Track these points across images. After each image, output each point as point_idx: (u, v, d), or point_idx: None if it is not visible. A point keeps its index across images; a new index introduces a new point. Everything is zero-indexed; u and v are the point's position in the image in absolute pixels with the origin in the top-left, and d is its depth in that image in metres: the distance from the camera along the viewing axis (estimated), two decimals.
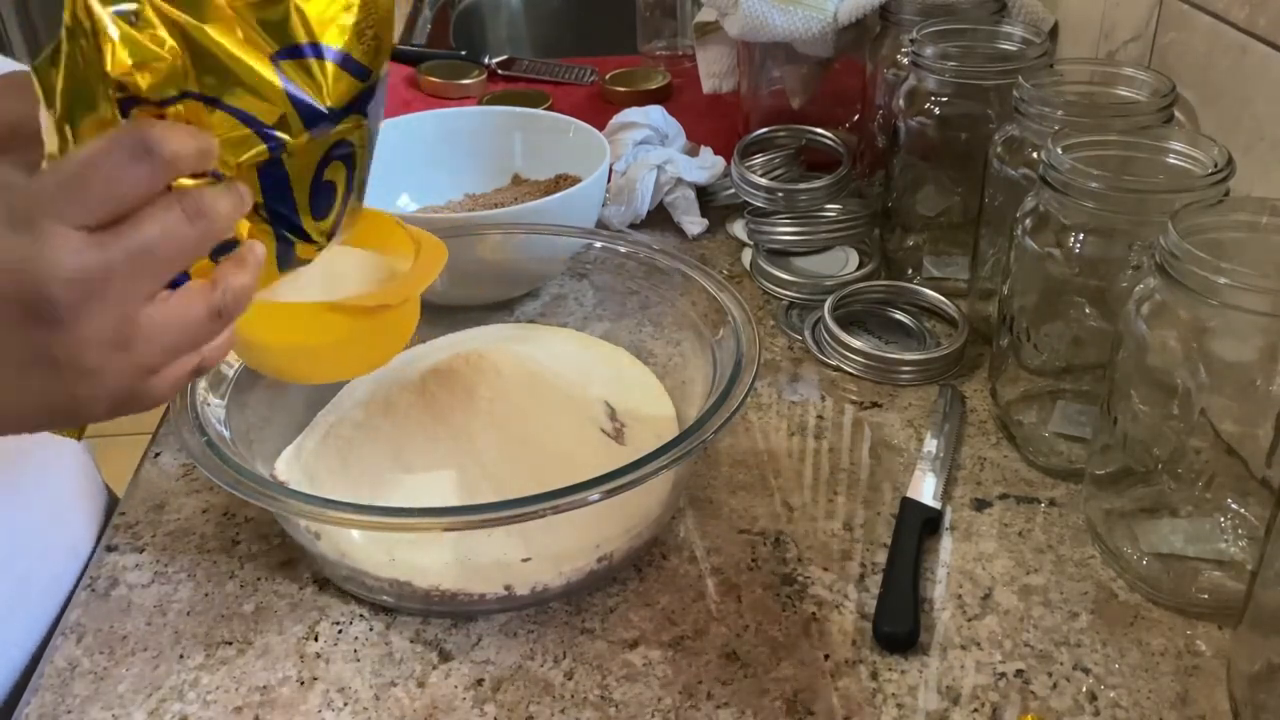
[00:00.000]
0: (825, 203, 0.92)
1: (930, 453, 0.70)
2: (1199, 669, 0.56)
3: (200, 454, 0.57)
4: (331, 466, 0.66)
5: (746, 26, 0.95)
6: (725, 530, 0.65)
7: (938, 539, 0.64)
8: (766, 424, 0.74)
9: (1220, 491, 0.61)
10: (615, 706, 0.55)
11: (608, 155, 0.88)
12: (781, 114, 1.05)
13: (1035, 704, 0.54)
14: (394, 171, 0.94)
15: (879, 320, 0.85)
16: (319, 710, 0.55)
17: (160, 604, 0.61)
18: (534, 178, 0.97)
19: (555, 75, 1.34)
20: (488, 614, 0.60)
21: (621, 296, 0.77)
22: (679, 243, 0.96)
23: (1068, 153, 0.63)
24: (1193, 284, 0.52)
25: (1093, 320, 0.66)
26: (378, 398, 0.69)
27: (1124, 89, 0.73)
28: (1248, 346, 0.53)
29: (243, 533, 0.66)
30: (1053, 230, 0.64)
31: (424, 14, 1.64)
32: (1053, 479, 0.68)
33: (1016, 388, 0.71)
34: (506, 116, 0.99)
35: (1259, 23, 0.67)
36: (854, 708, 0.54)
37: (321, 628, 0.60)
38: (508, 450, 0.65)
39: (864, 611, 0.59)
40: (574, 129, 0.94)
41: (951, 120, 0.82)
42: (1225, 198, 0.59)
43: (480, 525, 0.55)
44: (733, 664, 0.57)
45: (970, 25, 0.85)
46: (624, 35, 1.44)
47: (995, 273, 0.77)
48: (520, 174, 0.98)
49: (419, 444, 0.66)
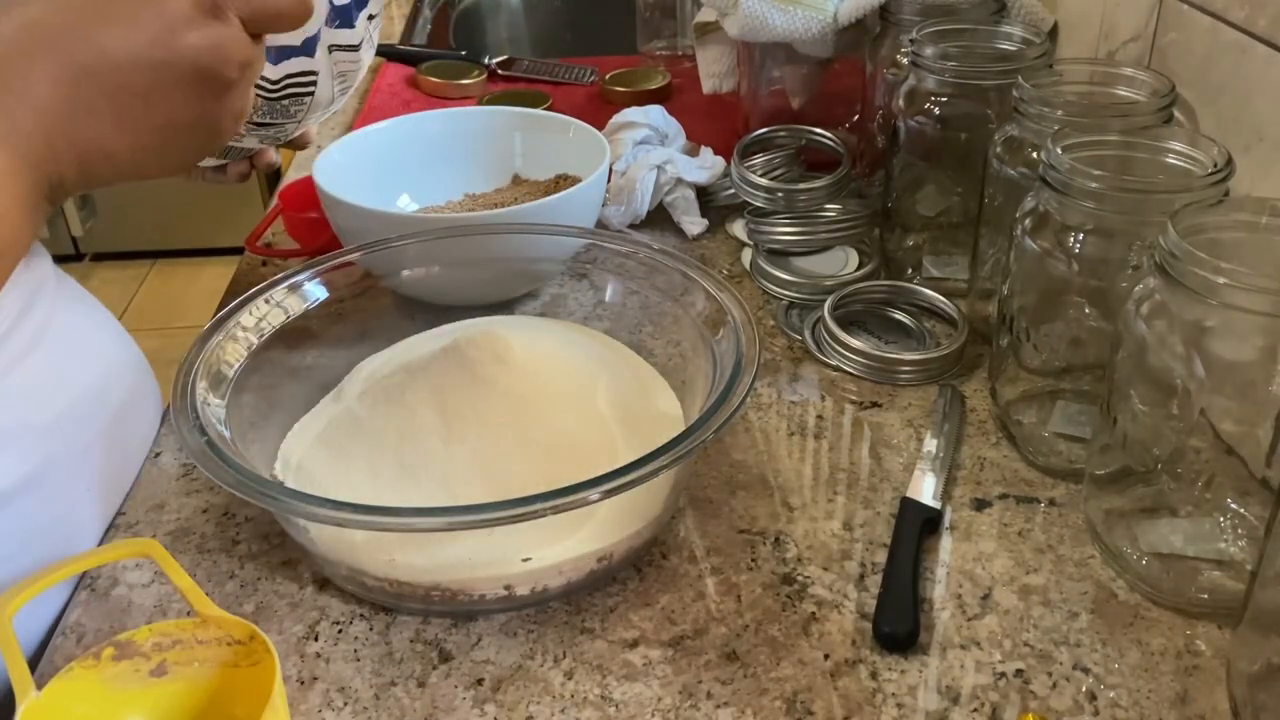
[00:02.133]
0: (825, 203, 0.92)
1: (930, 452, 0.70)
2: (1199, 669, 0.56)
3: (200, 454, 0.57)
4: (333, 459, 0.66)
5: (746, 26, 0.95)
6: (725, 530, 0.65)
7: (937, 539, 0.64)
8: (766, 424, 0.74)
9: (1220, 491, 0.61)
10: (615, 706, 0.55)
11: (608, 155, 0.88)
12: (781, 114, 1.05)
13: (1035, 704, 0.54)
14: (394, 171, 0.94)
15: (879, 320, 0.85)
16: (319, 710, 0.55)
17: (160, 604, 0.61)
18: (534, 178, 0.97)
19: (555, 75, 1.34)
20: (488, 614, 0.60)
21: (621, 296, 0.77)
22: (679, 243, 0.96)
23: (1068, 153, 0.63)
24: (1192, 284, 0.52)
25: (1092, 320, 0.66)
26: (382, 385, 0.69)
27: (1124, 89, 0.73)
28: (1247, 346, 0.53)
29: (243, 533, 0.66)
30: (1053, 230, 0.64)
31: (424, 14, 1.64)
32: (1053, 479, 0.69)
33: (1016, 388, 0.72)
34: (507, 116, 0.99)
35: (1259, 23, 0.67)
36: (854, 708, 0.54)
37: (321, 628, 0.60)
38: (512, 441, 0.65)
39: (864, 611, 0.59)
40: (574, 129, 0.94)
41: (951, 120, 0.82)
42: (1225, 198, 0.59)
43: (480, 525, 0.55)
44: (732, 664, 0.57)
45: (970, 25, 0.85)
46: (624, 35, 1.44)
47: (995, 273, 0.77)
48: (520, 174, 0.98)
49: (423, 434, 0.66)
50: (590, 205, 0.87)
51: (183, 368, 0.63)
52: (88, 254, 2.84)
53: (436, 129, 0.98)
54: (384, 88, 1.31)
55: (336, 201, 0.82)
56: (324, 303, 0.73)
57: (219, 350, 0.66)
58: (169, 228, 2.87)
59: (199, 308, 2.67)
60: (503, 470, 0.65)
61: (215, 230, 2.85)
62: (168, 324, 2.68)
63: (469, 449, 0.67)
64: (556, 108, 1.24)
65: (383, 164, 0.94)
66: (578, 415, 0.70)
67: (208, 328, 0.67)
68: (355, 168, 0.90)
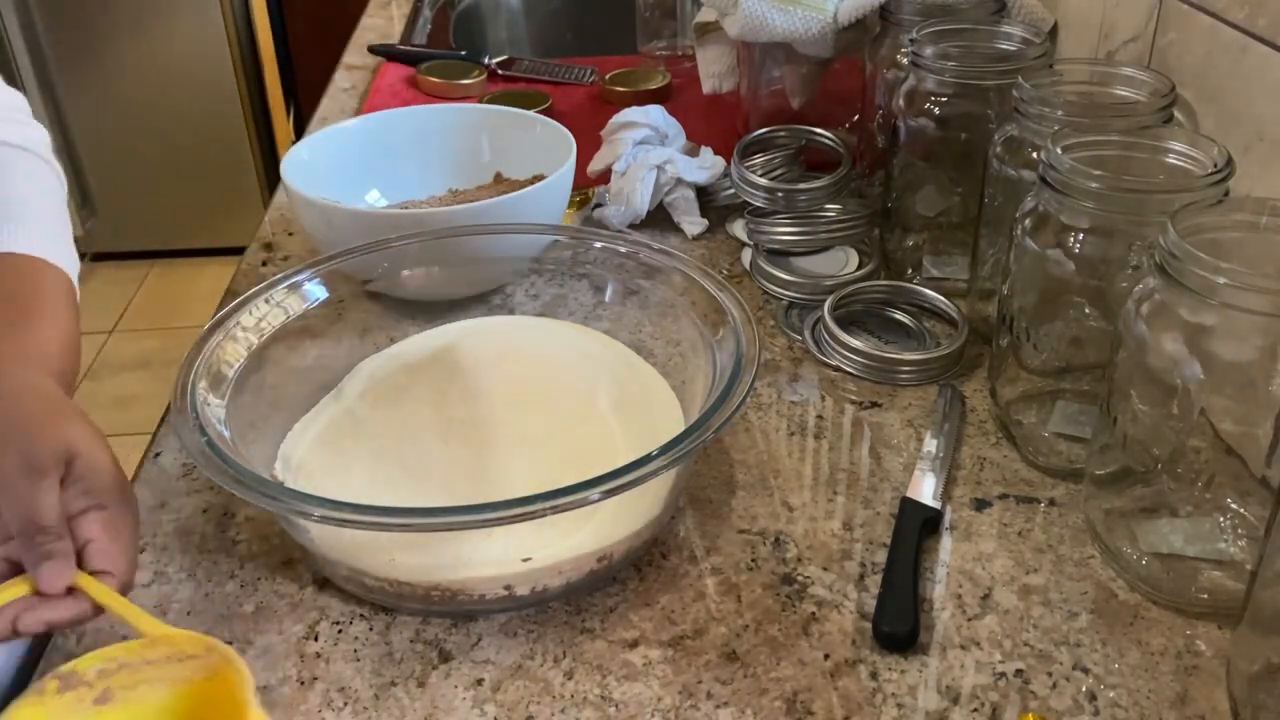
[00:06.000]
0: (825, 203, 0.92)
1: (930, 452, 0.70)
2: (1199, 669, 0.56)
3: (200, 454, 0.57)
4: (333, 459, 0.66)
5: (746, 26, 0.95)
6: (725, 530, 0.65)
7: (937, 539, 0.64)
8: (766, 424, 0.74)
9: (1220, 491, 0.61)
10: (615, 706, 0.55)
11: (571, 159, 0.88)
12: (781, 114, 1.05)
13: (1035, 704, 0.54)
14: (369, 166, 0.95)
15: (879, 320, 0.85)
16: (319, 710, 0.55)
17: (160, 604, 0.61)
18: (515, 177, 0.98)
19: (555, 75, 1.34)
20: (488, 614, 0.60)
21: (621, 296, 0.77)
22: (679, 243, 0.96)
23: (1068, 153, 0.63)
24: (1192, 284, 0.52)
25: (1093, 320, 0.66)
26: (380, 385, 0.69)
27: (1123, 89, 0.73)
28: (1247, 346, 0.53)
29: (243, 533, 0.66)
30: (1053, 230, 0.64)
31: (424, 14, 1.64)
32: (1052, 479, 0.69)
33: (1016, 388, 0.72)
34: (497, 115, 1.00)
35: (1259, 23, 0.67)
36: (854, 707, 0.54)
37: (321, 628, 0.60)
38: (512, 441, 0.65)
39: (864, 611, 0.59)
40: (545, 128, 0.95)
41: (951, 120, 0.82)
42: (1225, 198, 0.59)
43: (480, 525, 0.55)
44: (732, 664, 0.57)
45: (970, 25, 0.85)
46: (624, 35, 1.44)
47: (995, 273, 0.77)
48: (502, 173, 0.99)
49: (423, 434, 0.66)
50: (537, 207, 0.85)
51: (183, 368, 0.63)
52: (88, 254, 2.84)
53: (423, 125, 0.99)
54: (384, 88, 1.31)
55: (302, 199, 0.83)
56: (324, 303, 0.73)
57: (219, 350, 0.66)
58: (169, 228, 2.87)
59: (199, 308, 2.67)
60: (502, 470, 0.65)
61: (215, 230, 2.85)
62: (168, 324, 2.68)
63: (469, 449, 0.67)
64: (556, 108, 1.24)
65: (365, 157, 0.96)
66: (578, 415, 0.70)
67: (208, 328, 0.67)
68: (324, 164, 0.91)
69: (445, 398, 0.71)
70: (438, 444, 0.67)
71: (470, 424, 0.69)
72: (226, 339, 0.67)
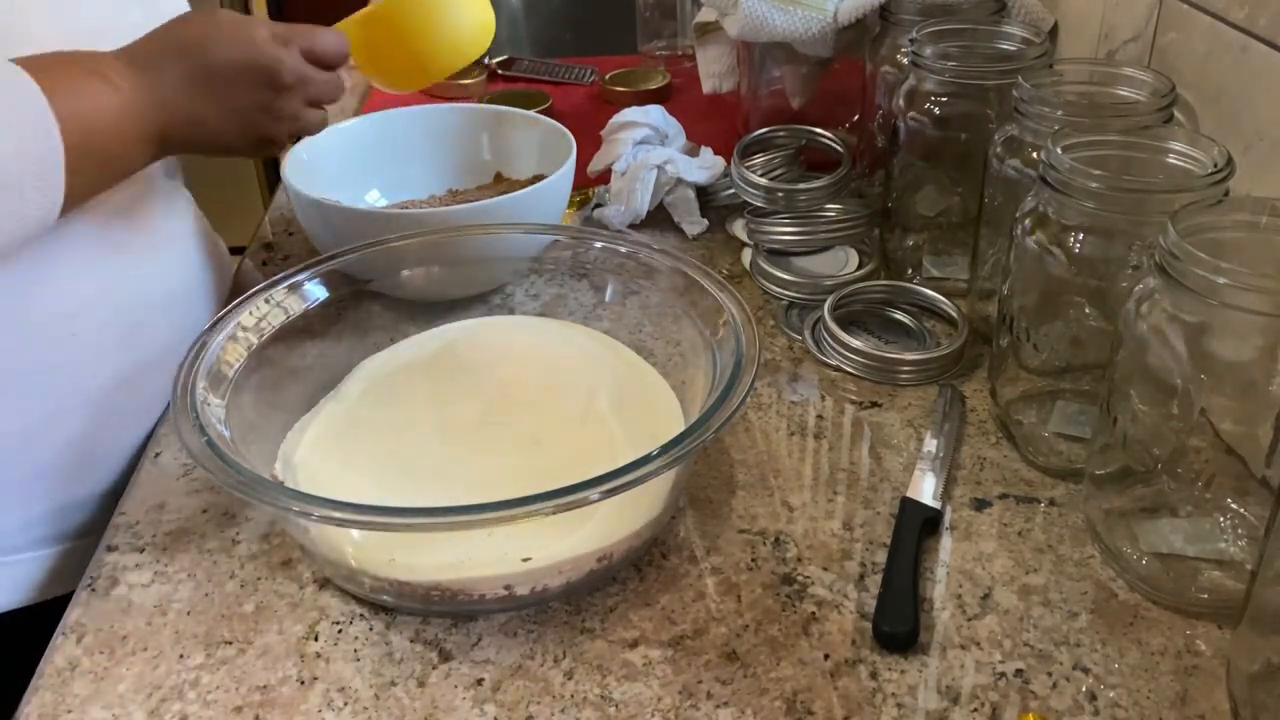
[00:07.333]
0: (825, 203, 0.92)
1: (930, 452, 0.70)
2: (1199, 669, 0.56)
3: (200, 454, 0.57)
4: (333, 459, 0.66)
5: (746, 26, 0.95)
6: (725, 530, 0.65)
7: (937, 539, 0.64)
8: (766, 424, 0.74)
9: (1220, 491, 0.61)
10: (615, 706, 0.55)
11: (571, 159, 0.88)
12: (781, 114, 1.05)
13: (1035, 704, 0.54)
14: (369, 166, 0.96)
15: (879, 320, 0.85)
16: (319, 710, 0.55)
17: (160, 604, 0.61)
18: (515, 177, 0.98)
19: (555, 75, 1.34)
20: (488, 614, 0.60)
21: (621, 296, 0.77)
22: (679, 243, 0.96)
23: (1067, 153, 0.63)
24: (1192, 284, 0.52)
25: (1092, 320, 0.66)
26: (380, 385, 0.69)
27: (1124, 89, 0.73)
28: (1247, 346, 0.53)
29: (243, 533, 0.66)
30: (1053, 230, 0.64)
31: None
32: (1052, 479, 0.69)
33: (1016, 387, 0.72)
34: (497, 115, 1.00)
35: (1259, 22, 0.67)
36: (854, 707, 0.54)
37: (321, 628, 0.60)
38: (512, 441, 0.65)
39: (864, 611, 0.59)
40: (545, 128, 0.95)
41: (951, 120, 0.82)
42: (1225, 198, 0.59)
43: (480, 525, 0.55)
44: (732, 664, 0.57)
45: (970, 25, 0.85)
46: (624, 35, 1.44)
47: (995, 273, 0.77)
48: (502, 173, 0.99)
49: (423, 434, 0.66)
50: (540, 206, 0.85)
51: (183, 368, 0.63)
52: None
53: (422, 125, 0.99)
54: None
55: (303, 198, 0.83)
56: (324, 303, 0.73)
57: (219, 350, 0.66)
58: None
59: None
60: (502, 470, 0.65)
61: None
62: None
63: (469, 449, 0.67)
64: (556, 108, 1.24)
65: (364, 157, 0.96)
66: (578, 415, 0.70)
67: (208, 328, 0.67)
68: (325, 164, 0.92)
69: (445, 398, 0.71)
70: (438, 444, 0.67)
71: (470, 424, 0.69)
72: (226, 339, 0.67)
